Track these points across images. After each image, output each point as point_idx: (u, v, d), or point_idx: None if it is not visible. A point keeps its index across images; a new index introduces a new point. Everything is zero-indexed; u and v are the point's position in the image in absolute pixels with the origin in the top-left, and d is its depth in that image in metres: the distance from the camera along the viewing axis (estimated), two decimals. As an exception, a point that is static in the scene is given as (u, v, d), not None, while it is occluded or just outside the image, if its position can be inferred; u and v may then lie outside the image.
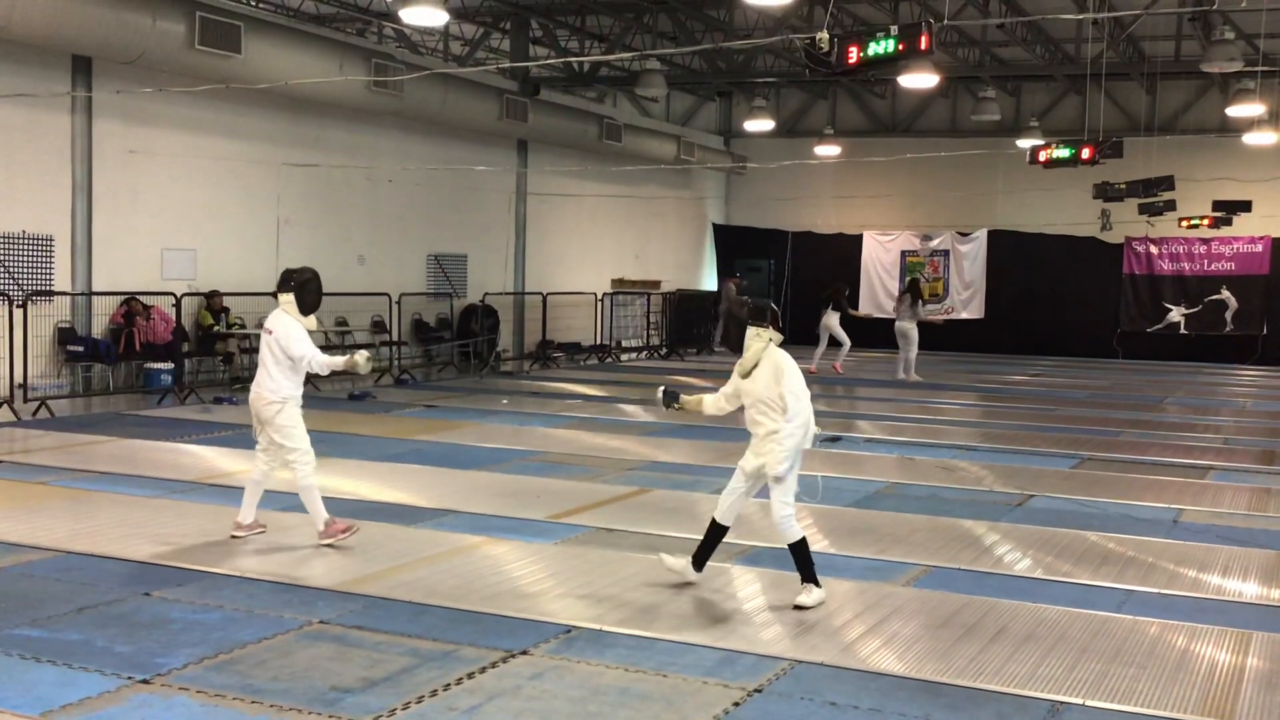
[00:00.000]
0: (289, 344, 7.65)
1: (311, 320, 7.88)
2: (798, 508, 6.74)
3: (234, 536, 7.90)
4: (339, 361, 7.77)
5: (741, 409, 6.91)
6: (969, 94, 26.88)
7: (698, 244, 31.64)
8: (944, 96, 28.20)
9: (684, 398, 7.24)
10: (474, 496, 9.63)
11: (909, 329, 20.43)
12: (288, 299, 7.79)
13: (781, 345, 6.81)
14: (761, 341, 6.71)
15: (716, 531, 6.93)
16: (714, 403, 7.07)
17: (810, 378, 7.95)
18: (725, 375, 7.01)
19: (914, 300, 20.75)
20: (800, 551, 6.69)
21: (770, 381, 6.62)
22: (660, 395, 7.31)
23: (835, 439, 12.82)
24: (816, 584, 6.66)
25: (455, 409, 15.44)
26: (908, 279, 24.40)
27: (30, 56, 15.03)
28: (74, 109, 15.84)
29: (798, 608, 6.57)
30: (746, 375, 6.73)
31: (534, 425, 14.08)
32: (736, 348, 6.84)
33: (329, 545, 7.67)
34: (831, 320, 21.06)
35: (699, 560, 6.98)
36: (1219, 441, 14.06)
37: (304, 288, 7.79)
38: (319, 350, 7.77)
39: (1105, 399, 18.80)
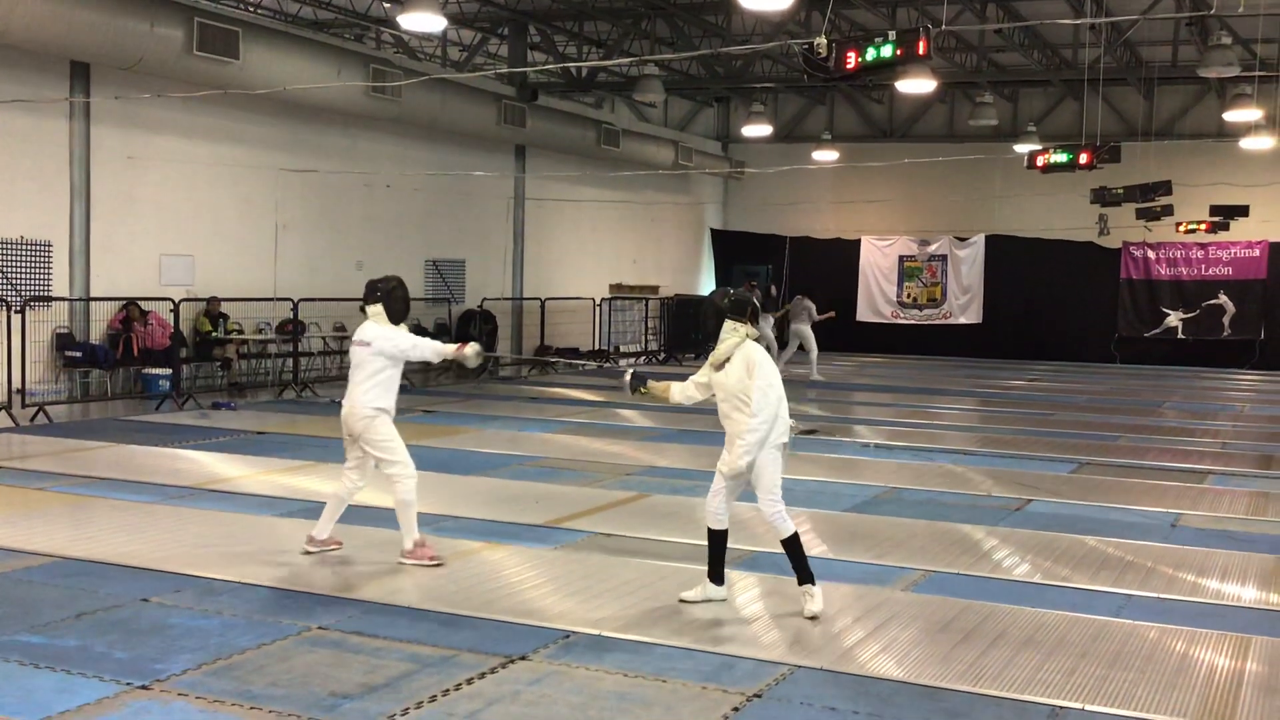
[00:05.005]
0: (395, 342, 7.46)
1: (402, 329, 7.69)
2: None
3: (306, 551, 7.65)
4: (449, 349, 7.59)
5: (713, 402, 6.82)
6: (966, 99, 26.91)
7: (696, 249, 31.66)
8: (941, 101, 28.22)
9: (651, 383, 7.09)
10: (472, 502, 9.63)
11: (806, 330, 21.05)
12: (376, 310, 7.58)
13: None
14: (737, 336, 6.61)
15: (716, 539, 6.76)
16: (682, 390, 6.95)
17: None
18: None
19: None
20: (793, 548, 6.56)
21: (742, 375, 6.50)
22: (627, 378, 7.14)
23: (811, 432, 12.77)
24: (813, 582, 6.56)
25: (453, 414, 15.44)
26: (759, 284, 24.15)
27: (29, 62, 15.04)
28: (72, 114, 15.85)
29: (811, 618, 6.42)
30: (719, 368, 6.64)
31: (532, 430, 14.08)
32: (713, 337, 6.72)
33: (412, 564, 7.42)
34: (802, 327, 21.23)
35: (716, 575, 6.77)
36: (1217, 446, 14.07)
37: (391, 296, 7.61)
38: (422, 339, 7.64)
39: (1103, 404, 18.80)
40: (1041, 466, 12.16)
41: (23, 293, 15.04)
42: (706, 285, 31.45)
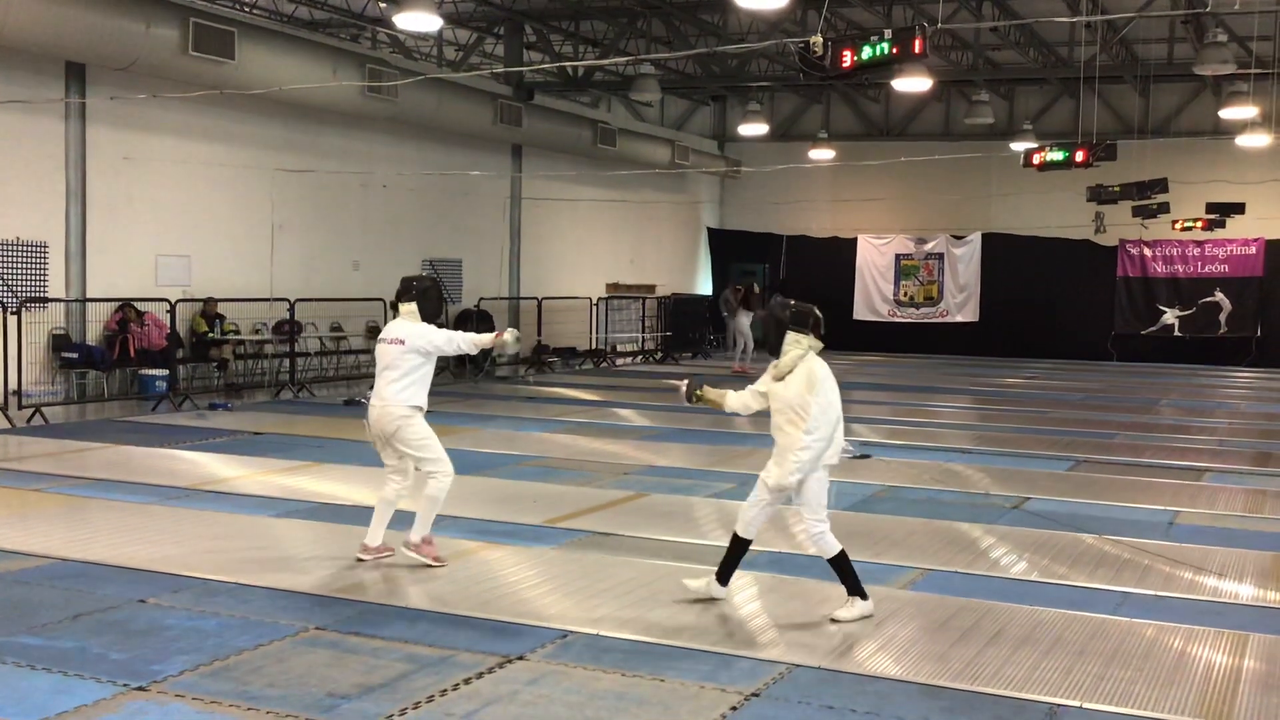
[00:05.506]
0: (430, 338, 7.42)
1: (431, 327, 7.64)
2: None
3: (359, 559, 7.54)
4: (486, 339, 7.58)
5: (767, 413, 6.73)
6: (962, 97, 26.92)
7: (692, 248, 31.66)
8: (937, 100, 28.24)
9: (707, 389, 7.02)
10: (470, 501, 9.60)
11: (745, 324, 22.63)
12: (409, 308, 7.52)
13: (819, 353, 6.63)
14: (800, 348, 6.52)
15: (739, 546, 6.68)
16: (739, 398, 6.86)
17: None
18: (721, 379, 6.98)
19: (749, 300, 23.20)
20: (840, 565, 6.51)
21: (802, 390, 6.41)
22: (684, 387, 7.08)
23: (864, 456, 12.31)
24: (863, 596, 6.50)
25: (450, 414, 15.41)
26: (745, 283, 25.18)
27: (24, 63, 15.02)
28: (68, 115, 15.83)
29: (833, 620, 6.41)
30: (781, 379, 6.56)
31: (530, 430, 14.07)
32: (774, 351, 6.64)
33: (412, 555, 7.41)
34: (744, 322, 22.51)
35: (723, 575, 6.73)
36: (1214, 443, 14.07)
37: (425, 295, 7.55)
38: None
39: (1100, 401, 18.82)
40: (1039, 464, 12.16)
41: (19, 294, 15.02)
42: (704, 284, 31.48)
